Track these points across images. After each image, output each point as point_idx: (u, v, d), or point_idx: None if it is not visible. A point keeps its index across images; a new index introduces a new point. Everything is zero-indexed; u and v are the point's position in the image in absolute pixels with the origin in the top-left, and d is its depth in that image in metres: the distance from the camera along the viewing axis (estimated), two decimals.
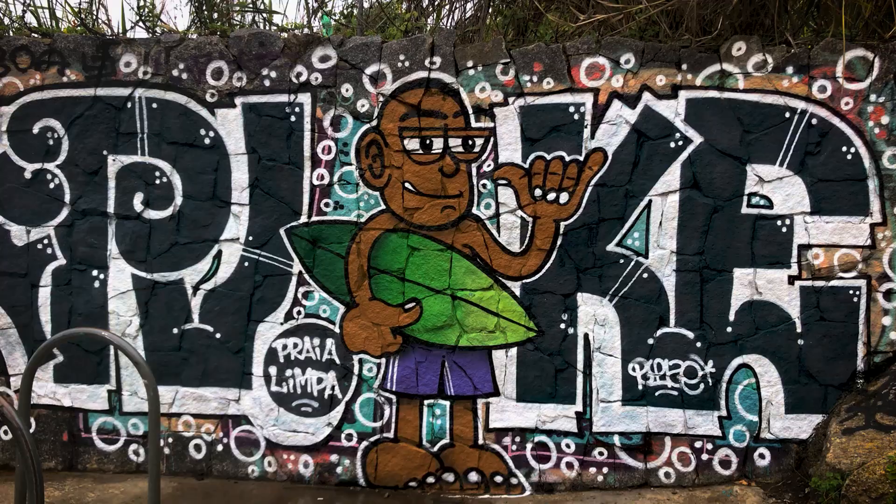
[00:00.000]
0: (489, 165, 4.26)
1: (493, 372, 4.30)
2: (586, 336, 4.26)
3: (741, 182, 4.14)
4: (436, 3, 5.81)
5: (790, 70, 4.07)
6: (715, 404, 4.20)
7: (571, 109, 4.19)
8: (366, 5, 5.46)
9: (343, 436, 4.40)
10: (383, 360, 4.36)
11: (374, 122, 4.30)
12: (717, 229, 4.16)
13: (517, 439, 4.31)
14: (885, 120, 4.03)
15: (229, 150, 4.40)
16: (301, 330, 4.41)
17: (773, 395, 4.16)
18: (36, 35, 4.79)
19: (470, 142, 4.26)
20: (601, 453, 4.26)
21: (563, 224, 4.23)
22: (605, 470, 4.26)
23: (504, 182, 4.26)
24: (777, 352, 4.14)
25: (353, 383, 4.38)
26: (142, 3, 5.06)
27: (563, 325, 4.27)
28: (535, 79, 4.21)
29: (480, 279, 4.29)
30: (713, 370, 4.19)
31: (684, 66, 4.14)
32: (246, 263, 4.42)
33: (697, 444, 4.21)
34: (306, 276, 4.38)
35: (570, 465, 4.28)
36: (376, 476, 4.36)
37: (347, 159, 4.33)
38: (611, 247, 4.23)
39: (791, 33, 4.28)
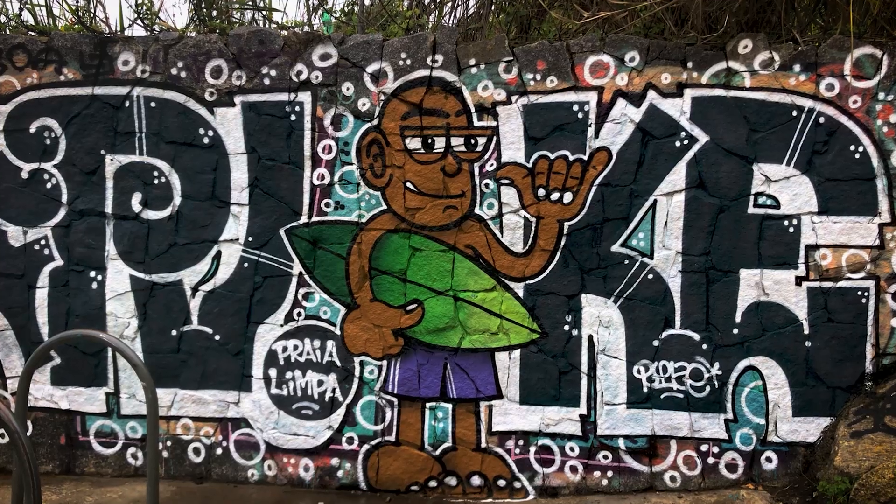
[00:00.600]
0: (492, 165, 4.21)
1: (496, 374, 4.26)
2: (590, 338, 4.21)
3: (747, 181, 4.09)
4: (437, 0, 5.76)
5: (797, 68, 4.03)
6: (721, 407, 4.15)
7: (575, 108, 4.14)
8: (367, 3, 5.41)
9: (344, 439, 4.35)
10: (385, 363, 4.32)
11: (376, 121, 4.25)
12: (723, 229, 4.11)
13: (520, 442, 4.26)
14: (893, 118, 3.98)
15: (228, 149, 4.35)
16: (301, 332, 4.36)
17: (780, 398, 4.11)
18: (33, 33, 4.74)
19: (472, 141, 4.21)
20: (606, 457, 4.22)
21: (566, 224, 4.18)
22: (609, 474, 4.21)
23: (507, 182, 4.21)
24: (784, 354, 4.10)
25: (354, 386, 4.34)
26: (140, 1, 5.02)
27: (566, 327, 4.22)
28: (538, 77, 4.16)
29: (483, 280, 4.24)
30: (719, 372, 4.14)
31: (690, 64, 4.09)
32: (245, 264, 4.37)
33: (703, 448, 4.16)
34: (307, 277, 4.34)
35: (574, 469, 4.24)
36: (377, 480, 4.31)
37: (348, 159, 4.28)
38: (615, 247, 4.18)
39: (798, 31, 4.23)
